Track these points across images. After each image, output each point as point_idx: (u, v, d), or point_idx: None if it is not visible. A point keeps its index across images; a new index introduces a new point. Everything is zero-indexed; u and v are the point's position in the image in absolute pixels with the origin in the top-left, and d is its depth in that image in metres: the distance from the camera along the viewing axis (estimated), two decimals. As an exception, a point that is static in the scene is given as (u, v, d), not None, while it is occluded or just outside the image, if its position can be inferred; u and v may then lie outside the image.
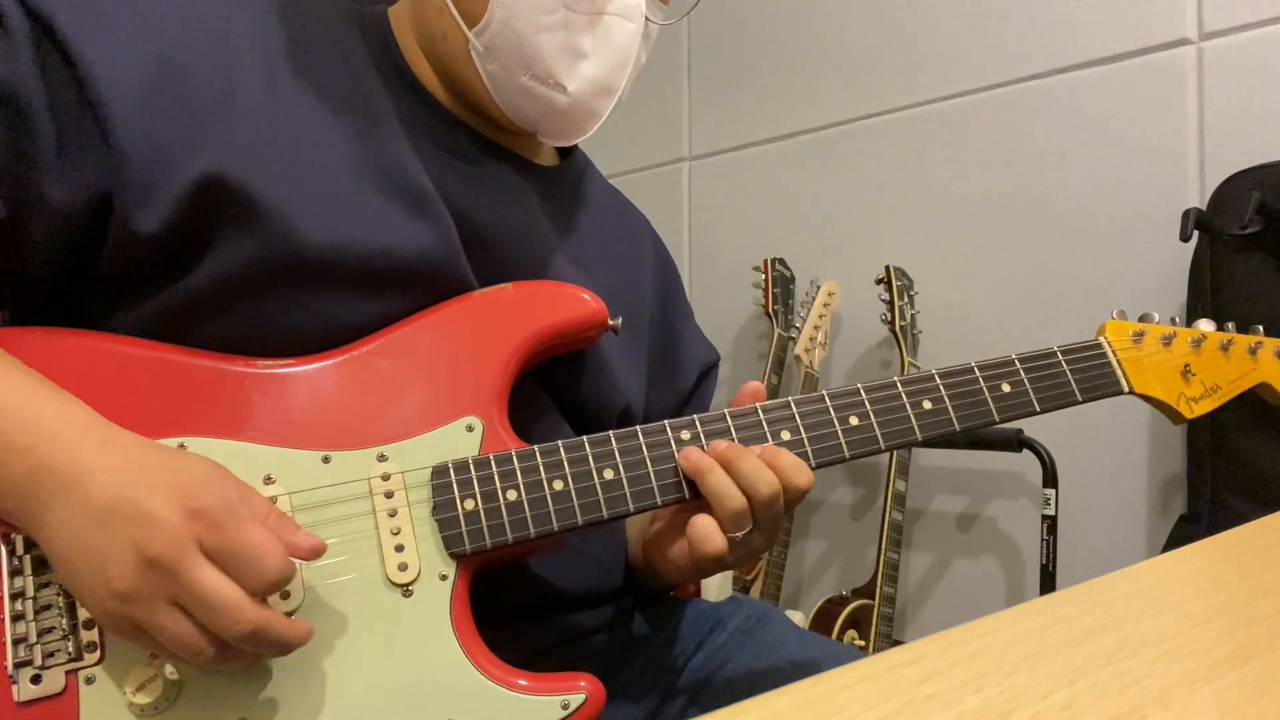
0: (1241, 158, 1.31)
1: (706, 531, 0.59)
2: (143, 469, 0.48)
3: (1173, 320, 0.73)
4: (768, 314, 1.74)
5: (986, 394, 0.65)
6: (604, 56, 0.65)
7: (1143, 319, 0.72)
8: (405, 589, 0.54)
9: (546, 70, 0.64)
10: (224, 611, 0.46)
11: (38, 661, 0.49)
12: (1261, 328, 0.76)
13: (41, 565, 0.50)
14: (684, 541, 0.61)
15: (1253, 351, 0.73)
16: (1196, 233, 1.26)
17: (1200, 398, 0.71)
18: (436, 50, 0.68)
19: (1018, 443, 1.46)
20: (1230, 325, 0.75)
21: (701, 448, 0.60)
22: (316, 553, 0.50)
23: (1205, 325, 0.74)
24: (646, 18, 0.66)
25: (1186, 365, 0.71)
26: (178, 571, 0.46)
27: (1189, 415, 0.71)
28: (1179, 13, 1.39)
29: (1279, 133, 1.30)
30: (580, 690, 0.55)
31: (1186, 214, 1.25)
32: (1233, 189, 1.29)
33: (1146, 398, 0.70)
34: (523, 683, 0.54)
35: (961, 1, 1.62)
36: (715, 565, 0.61)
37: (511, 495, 0.57)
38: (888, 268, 1.58)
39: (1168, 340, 0.71)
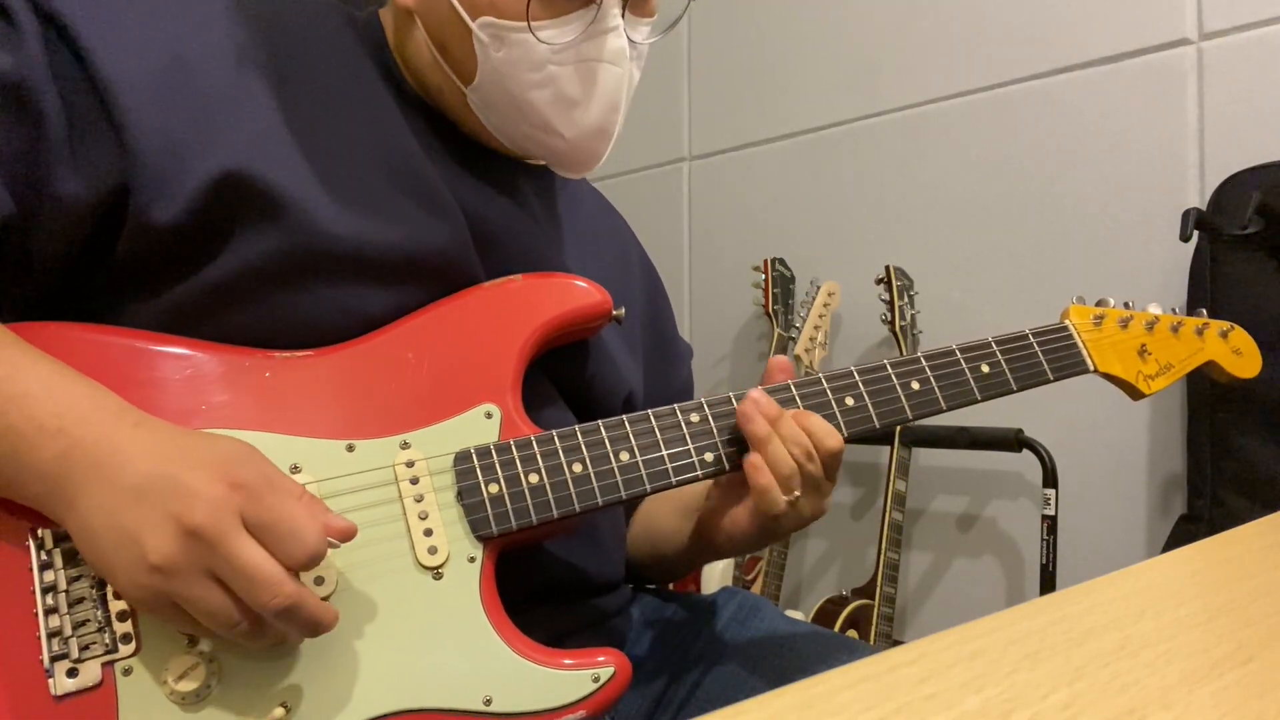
0: (1241, 158, 1.31)
1: (770, 488, 0.61)
2: (177, 448, 0.49)
3: (1127, 304, 0.78)
4: (768, 314, 1.74)
5: (968, 374, 0.69)
6: (596, 103, 0.66)
7: (1099, 304, 0.78)
8: (435, 572, 0.56)
9: (543, 122, 0.66)
10: (262, 585, 0.47)
11: (73, 655, 0.49)
12: (1205, 310, 0.82)
13: (72, 558, 0.50)
14: (744, 510, 0.65)
15: (1199, 332, 0.80)
16: (1196, 233, 1.26)
17: (1156, 375, 0.77)
18: (435, 100, 0.69)
19: (1018, 443, 1.46)
20: (1175, 309, 0.81)
21: (711, 430, 0.63)
22: (348, 535, 0.51)
23: (1155, 309, 0.80)
24: (631, 40, 0.67)
25: (1143, 345, 0.77)
26: (218, 542, 0.46)
27: (1147, 392, 0.76)
28: (1179, 13, 1.39)
29: (1279, 133, 1.30)
30: (608, 664, 0.56)
31: (1186, 214, 1.24)
32: (1233, 189, 1.29)
33: (1108, 376, 0.76)
34: (553, 659, 0.56)
35: (961, 1, 1.62)
36: (775, 525, 0.64)
37: (534, 479, 0.59)
38: (888, 268, 1.58)
39: (1124, 323, 0.77)
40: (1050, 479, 1.42)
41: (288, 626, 0.49)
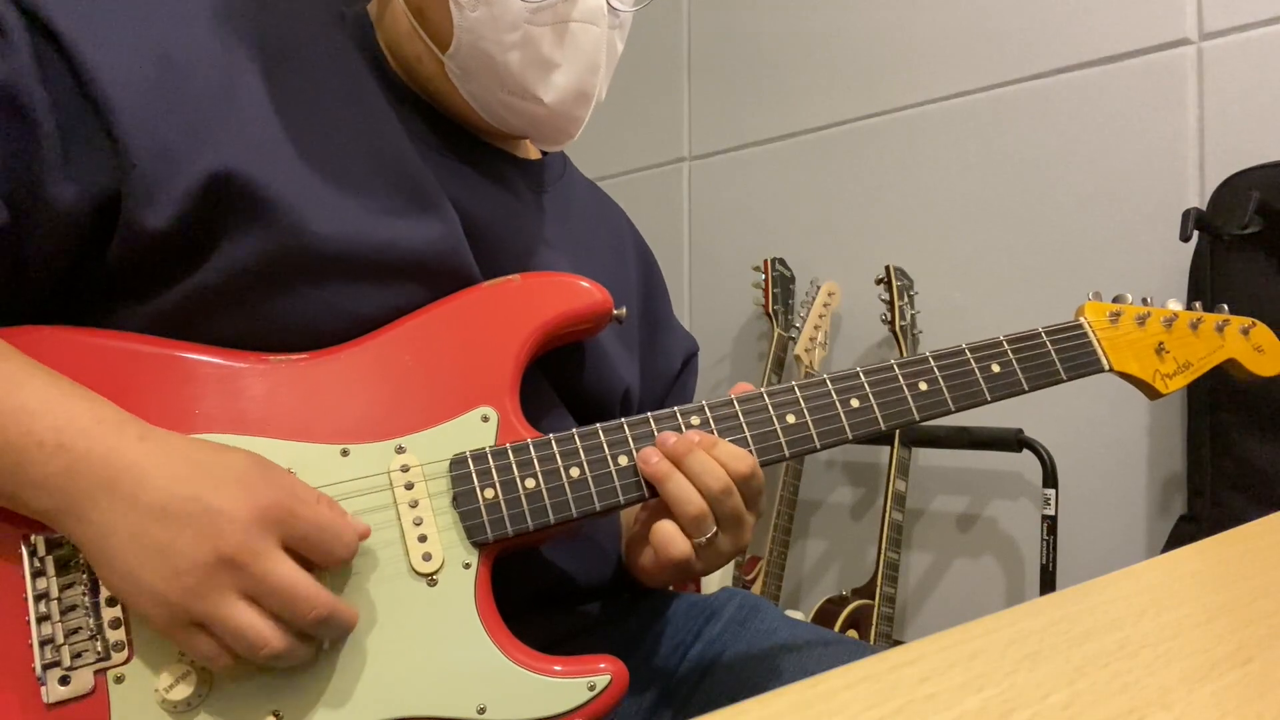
0: (1241, 158, 1.31)
1: (669, 536, 0.59)
2: (193, 465, 0.48)
3: (1145, 300, 0.76)
4: (768, 314, 1.74)
5: (978, 374, 0.67)
6: (574, 64, 0.66)
7: (1117, 299, 0.75)
8: (430, 578, 0.55)
9: (520, 86, 0.65)
10: (302, 600, 0.47)
11: (65, 662, 0.49)
12: (1226, 306, 0.79)
13: (65, 565, 0.50)
14: (650, 549, 0.62)
15: (1220, 329, 0.77)
16: (1196, 233, 1.26)
17: (1174, 374, 0.75)
18: (413, 72, 0.69)
19: (1018, 443, 1.46)
20: (1197, 305, 0.78)
21: (713, 432, 0.61)
22: (366, 534, 0.52)
23: (1174, 304, 0.77)
24: (614, 7, 0.67)
25: (1160, 343, 0.75)
26: (254, 564, 0.47)
27: (1164, 391, 0.74)
28: (1179, 13, 1.39)
29: (1279, 133, 1.30)
30: (605, 672, 0.55)
31: (1186, 214, 1.25)
32: (1233, 189, 1.29)
33: (1124, 375, 0.73)
34: (548, 666, 0.55)
35: (961, 1, 1.62)
36: (684, 571, 0.61)
37: (530, 484, 0.58)
38: (888, 268, 1.58)
39: (1142, 320, 0.74)
40: (1050, 479, 1.42)
41: (322, 634, 0.50)
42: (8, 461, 0.47)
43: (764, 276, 1.76)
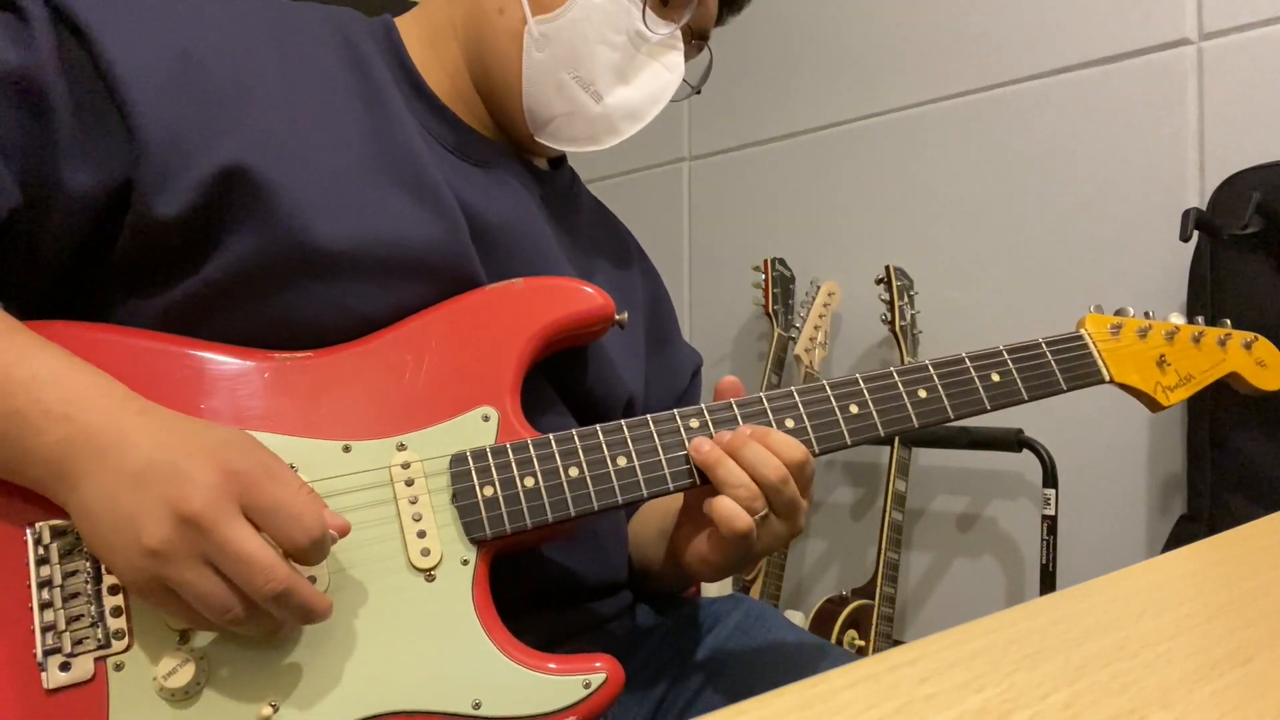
0: (1241, 158, 1.31)
1: (731, 510, 0.60)
2: (177, 435, 0.49)
3: (1146, 314, 0.77)
4: (768, 314, 1.74)
5: (978, 383, 0.68)
6: (642, 89, 0.72)
7: (1118, 313, 0.76)
8: (428, 574, 0.56)
9: (590, 76, 0.69)
10: (257, 569, 0.47)
11: (66, 649, 0.49)
12: (1229, 320, 0.80)
13: (68, 553, 0.51)
14: (713, 533, 0.62)
15: (1222, 343, 0.78)
16: (1196, 233, 1.26)
17: (1175, 386, 0.75)
18: (482, 24, 0.70)
19: (1018, 443, 1.46)
20: (1199, 319, 0.79)
21: (710, 435, 0.62)
22: (343, 531, 0.51)
23: (1176, 318, 0.78)
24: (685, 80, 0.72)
25: (1162, 356, 0.75)
26: (214, 528, 0.46)
27: (1165, 404, 0.74)
28: (1179, 13, 1.39)
29: (1279, 133, 1.31)
30: (600, 670, 0.56)
31: (1186, 214, 1.25)
32: (1233, 189, 1.29)
33: (1125, 387, 0.74)
34: (544, 663, 0.56)
35: (961, 1, 1.62)
36: (745, 549, 0.62)
37: (529, 482, 0.58)
38: (888, 268, 1.58)
39: (1143, 333, 0.75)
40: (1050, 479, 1.42)
41: (282, 612, 0.49)
42: (12, 429, 0.48)
43: (764, 276, 1.76)
